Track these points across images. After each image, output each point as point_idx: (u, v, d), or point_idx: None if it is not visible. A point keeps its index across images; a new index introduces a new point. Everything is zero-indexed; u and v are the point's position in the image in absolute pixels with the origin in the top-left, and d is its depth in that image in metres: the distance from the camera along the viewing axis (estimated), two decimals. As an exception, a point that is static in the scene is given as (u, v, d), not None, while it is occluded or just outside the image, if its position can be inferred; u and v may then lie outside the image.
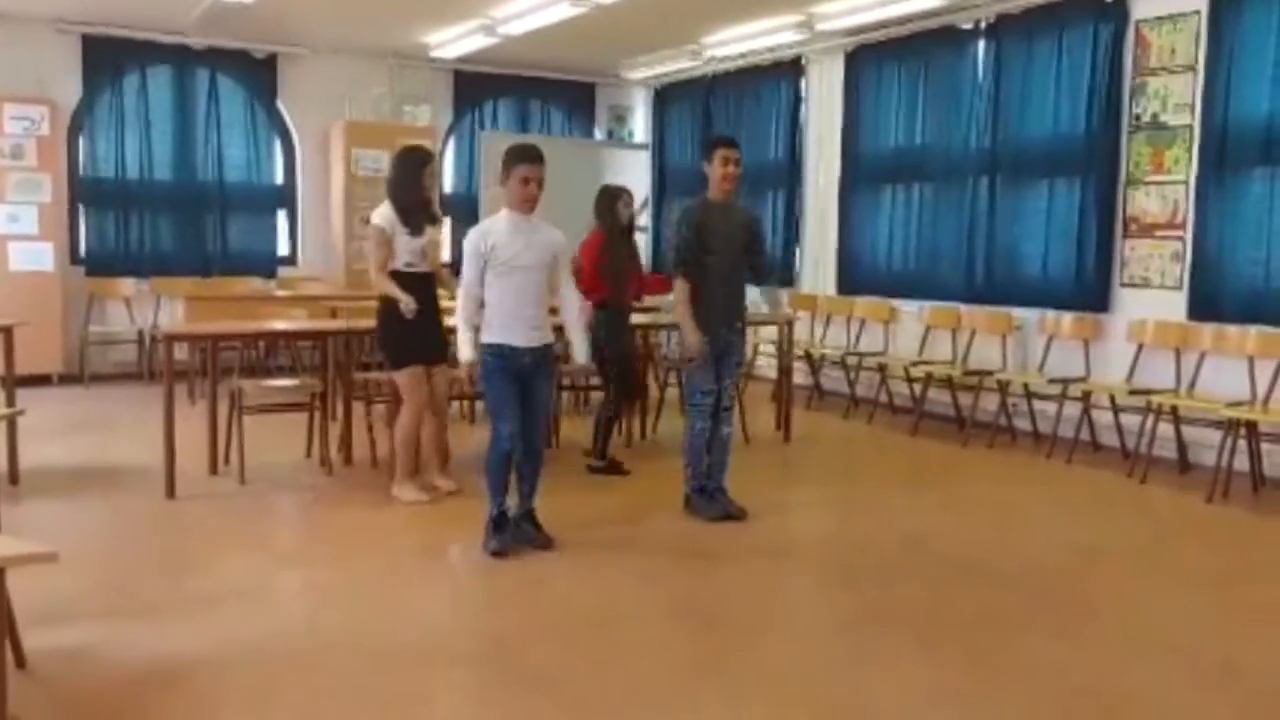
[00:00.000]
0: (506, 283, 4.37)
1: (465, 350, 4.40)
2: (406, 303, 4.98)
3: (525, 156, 4.40)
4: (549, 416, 4.92)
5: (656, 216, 10.87)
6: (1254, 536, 5.11)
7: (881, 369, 7.92)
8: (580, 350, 4.72)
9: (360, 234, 9.45)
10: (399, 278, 5.09)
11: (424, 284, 5.17)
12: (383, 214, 5.15)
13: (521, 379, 4.42)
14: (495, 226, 4.43)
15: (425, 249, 5.19)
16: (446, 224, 8.40)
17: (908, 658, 3.47)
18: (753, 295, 6.73)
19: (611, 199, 5.94)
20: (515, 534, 4.53)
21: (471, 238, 4.44)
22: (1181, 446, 6.20)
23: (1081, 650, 3.53)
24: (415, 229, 5.14)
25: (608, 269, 5.82)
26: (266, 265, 9.82)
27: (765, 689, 3.20)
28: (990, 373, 7.10)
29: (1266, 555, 4.85)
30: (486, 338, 4.42)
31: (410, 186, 5.19)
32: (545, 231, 4.51)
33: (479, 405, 7.57)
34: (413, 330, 5.08)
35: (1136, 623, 3.83)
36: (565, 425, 6.69)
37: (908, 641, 3.61)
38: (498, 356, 4.39)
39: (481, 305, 4.42)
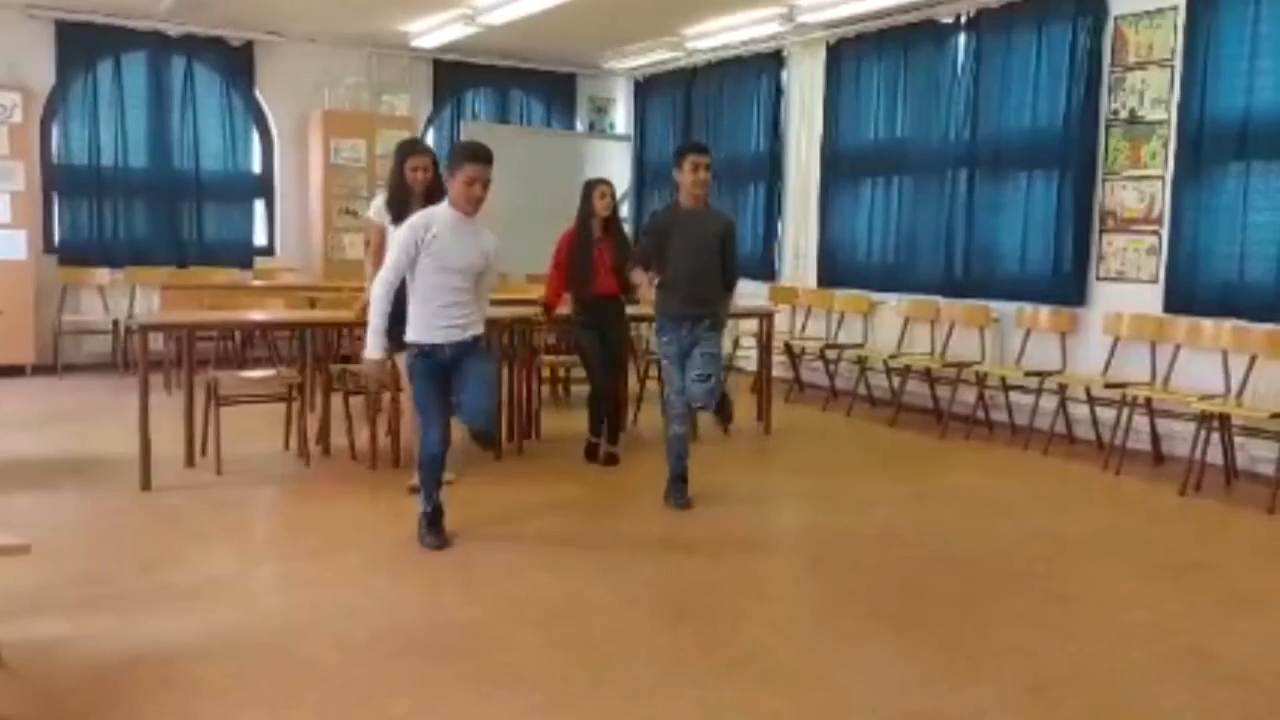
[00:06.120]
0: (432, 279, 4.26)
1: (372, 346, 4.30)
2: (362, 302, 5.04)
3: (473, 156, 4.25)
4: (496, 388, 4.72)
5: (637, 208, 10.86)
6: (1225, 528, 5.17)
7: (861, 361, 7.95)
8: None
9: (338, 224, 9.62)
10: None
11: None
12: (374, 203, 5.38)
13: (446, 372, 4.34)
14: (437, 221, 4.28)
15: None
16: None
17: (883, 646, 3.49)
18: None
19: (587, 190, 5.92)
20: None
21: (410, 226, 4.29)
22: (1155, 439, 6.26)
23: (1053, 637, 3.57)
24: (397, 220, 5.07)
25: (575, 260, 5.82)
26: (243, 255, 9.72)
27: (741, 678, 3.21)
28: (968, 365, 7.14)
29: (1236, 546, 4.91)
30: (408, 335, 4.34)
31: (392, 176, 5.23)
32: (483, 236, 4.39)
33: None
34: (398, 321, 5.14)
35: (1107, 611, 3.87)
36: (545, 418, 6.69)
37: (884, 629, 3.63)
38: (418, 356, 4.32)
39: (399, 298, 4.29)
